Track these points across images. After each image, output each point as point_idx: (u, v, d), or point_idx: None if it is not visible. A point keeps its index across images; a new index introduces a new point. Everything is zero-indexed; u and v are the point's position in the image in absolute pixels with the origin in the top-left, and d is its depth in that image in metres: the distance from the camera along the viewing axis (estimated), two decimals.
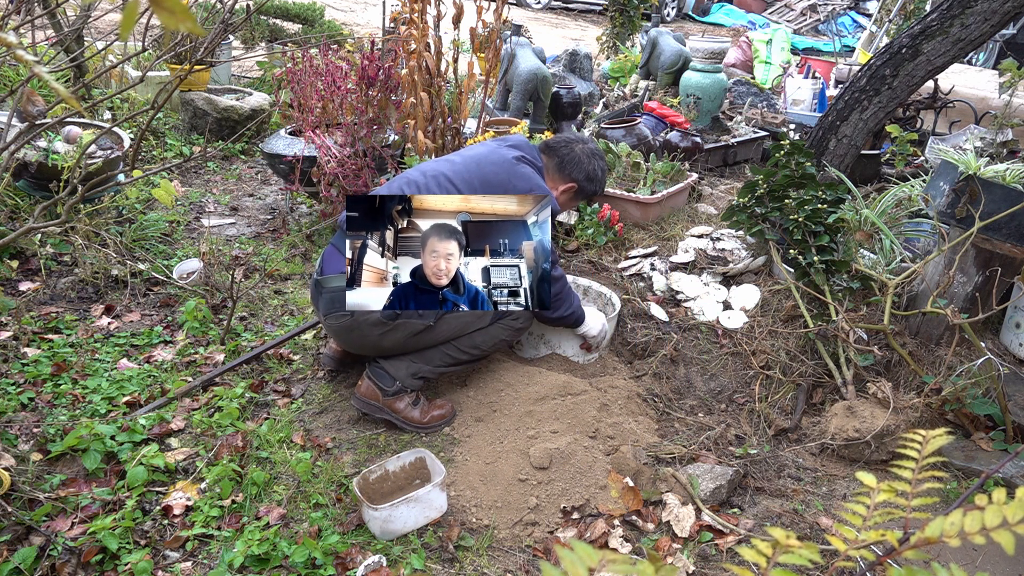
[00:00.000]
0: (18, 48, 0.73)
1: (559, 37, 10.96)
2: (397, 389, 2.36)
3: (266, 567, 1.85)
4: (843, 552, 0.67)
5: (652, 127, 4.43)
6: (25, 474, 2.03)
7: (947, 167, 2.73)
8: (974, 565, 1.93)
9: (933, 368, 2.64)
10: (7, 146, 1.95)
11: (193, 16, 0.55)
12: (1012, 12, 3.15)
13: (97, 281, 3.11)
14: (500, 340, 2.42)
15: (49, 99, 4.26)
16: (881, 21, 7.94)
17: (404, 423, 2.38)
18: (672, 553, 1.98)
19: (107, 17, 7.07)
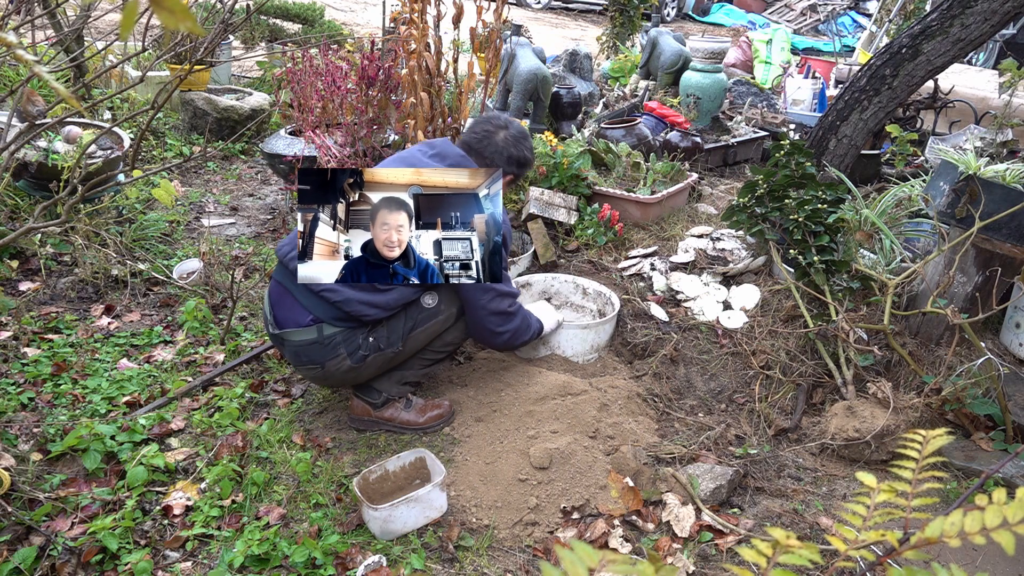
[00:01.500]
0: (18, 48, 0.73)
1: (559, 37, 10.96)
2: (384, 400, 2.36)
3: (266, 567, 1.85)
4: (843, 552, 0.67)
5: (652, 127, 4.43)
6: (25, 474, 2.03)
7: (947, 167, 2.73)
8: (974, 565, 1.93)
9: (933, 368, 2.64)
10: (7, 146, 1.95)
11: (193, 16, 0.55)
12: (1012, 12, 3.15)
13: (97, 281, 3.10)
14: (457, 339, 2.40)
15: (49, 99, 4.26)
16: (881, 21, 7.94)
17: (402, 428, 2.38)
18: (672, 553, 1.98)
19: (107, 17, 7.07)
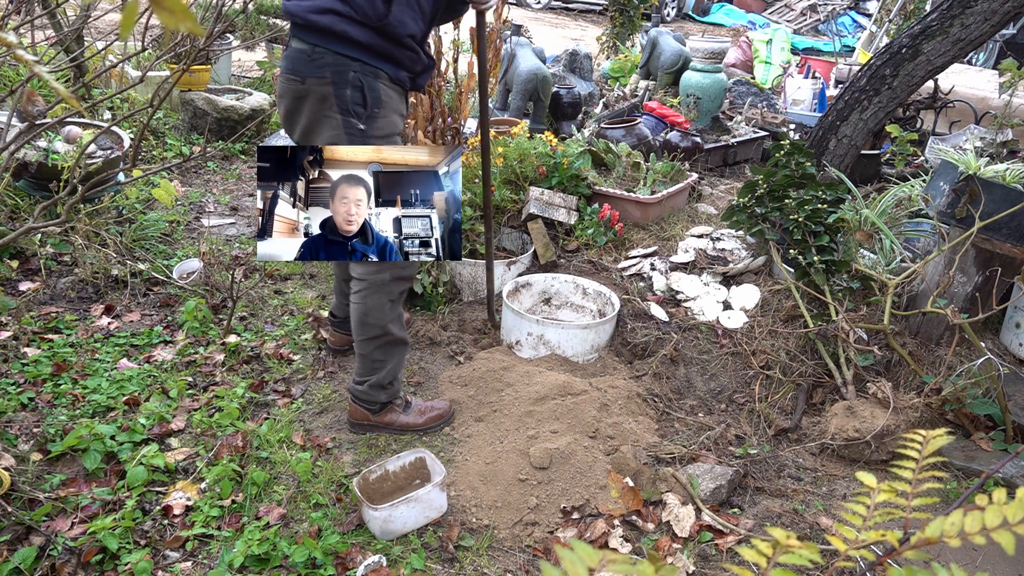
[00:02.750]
0: (18, 48, 0.73)
1: (559, 37, 10.95)
2: (380, 407, 2.35)
3: (266, 567, 1.85)
4: (843, 552, 0.67)
5: (652, 127, 4.44)
6: (25, 474, 2.03)
7: (947, 167, 2.73)
8: (974, 565, 1.93)
9: (933, 368, 2.64)
10: (7, 146, 1.95)
11: (193, 16, 0.55)
12: (1012, 12, 3.15)
13: (97, 281, 3.10)
14: (384, 304, 2.23)
15: (49, 99, 4.26)
16: (881, 21, 7.94)
17: (403, 431, 2.37)
18: (672, 553, 1.98)
19: (107, 17, 7.07)
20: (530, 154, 3.49)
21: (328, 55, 1.98)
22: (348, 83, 1.99)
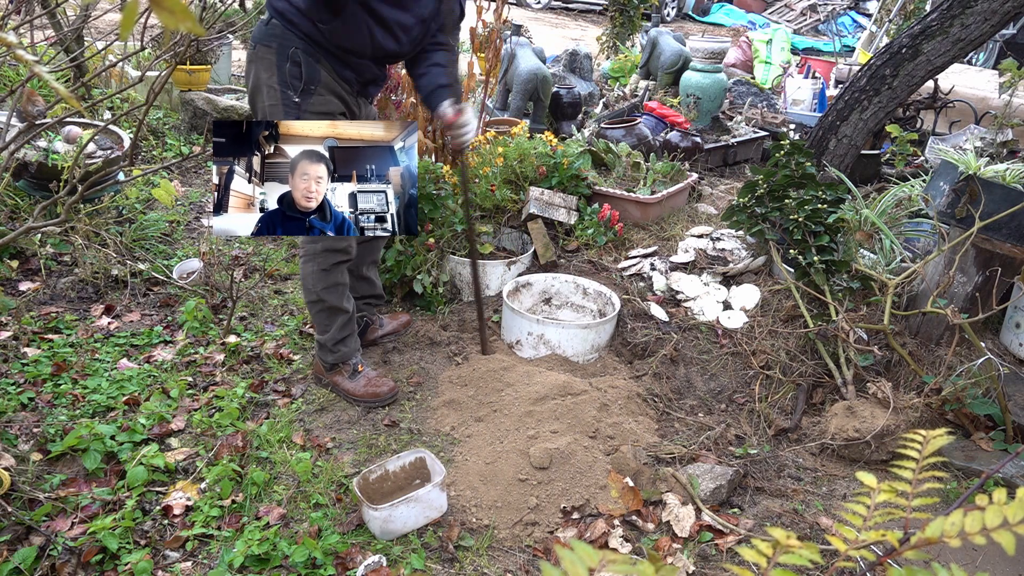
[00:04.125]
0: (18, 48, 0.73)
1: (559, 37, 10.95)
2: (331, 363, 2.51)
3: (266, 567, 1.85)
4: (843, 552, 0.67)
5: (652, 127, 4.44)
6: (25, 474, 2.03)
7: (947, 167, 2.73)
8: (974, 565, 1.93)
9: (933, 368, 2.64)
10: (7, 146, 1.95)
11: (193, 15, 0.55)
12: (1012, 12, 3.15)
13: (97, 281, 3.10)
14: (315, 272, 2.37)
15: (49, 99, 4.25)
16: (881, 21, 7.94)
17: (343, 395, 2.51)
18: (672, 553, 1.98)
19: (107, 17, 7.08)
20: (530, 154, 3.49)
21: (279, 28, 2.12)
22: (288, 57, 2.12)
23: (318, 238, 2.30)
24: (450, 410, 2.50)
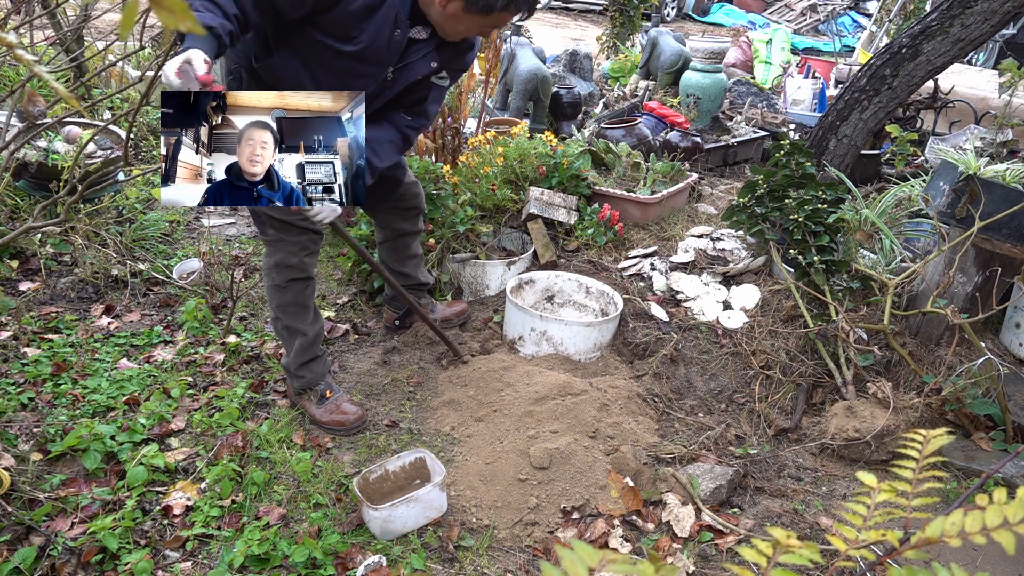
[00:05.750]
0: (18, 48, 0.72)
1: (559, 37, 10.95)
2: (298, 389, 2.46)
3: (266, 567, 1.85)
4: (843, 552, 0.67)
5: (652, 127, 4.44)
6: (25, 474, 2.03)
7: (947, 167, 2.73)
8: (974, 565, 1.93)
9: (933, 368, 2.64)
10: (7, 146, 1.95)
11: (193, 15, 0.55)
12: (1012, 12, 3.15)
13: (97, 281, 3.10)
14: (270, 288, 2.37)
15: (49, 99, 4.25)
16: (881, 21, 7.94)
17: (311, 420, 2.45)
18: (672, 553, 1.98)
19: (107, 17, 7.07)
20: (530, 154, 3.49)
21: (240, 44, 2.20)
22: (231, 72, 2.26)
23: (271, 252, 2.33)
24: (450, 410, 2.50)
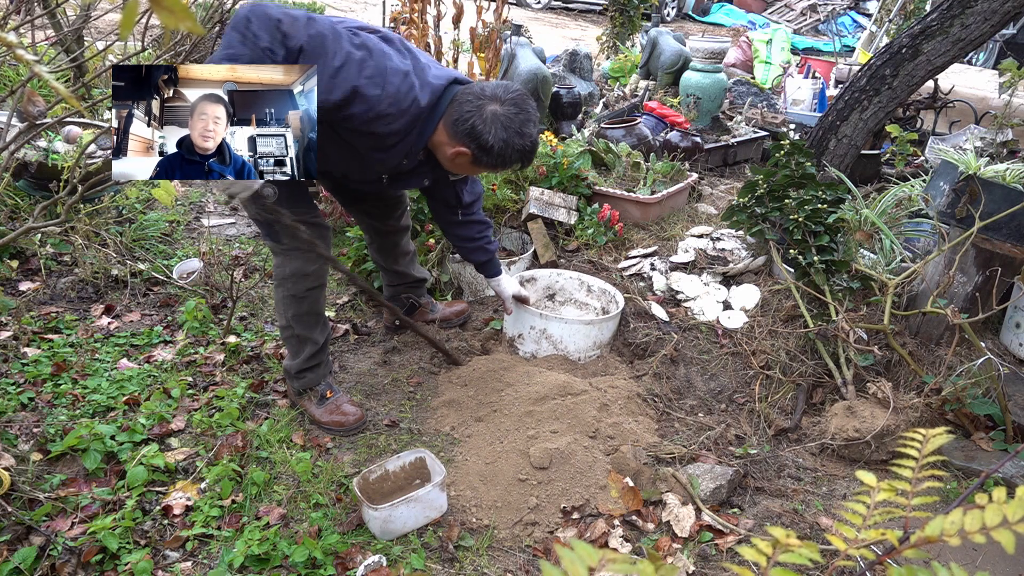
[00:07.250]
0: (18, 48, 0.73)
1: (559, 37, 10.96)
2: (298, 390, 2.46)
3: (266, 567, 1.85)
4: (843, 551, 0.67)
5: (652, 127, 4.44)
6: (25, 474, 2.03)
7: (947, 167, 2.73)
8: (974, 564, 1.93)
9: (933, 368, 2.64)
10: (7, 146, 1.95)
11: (193, 15, 0.55)
12: (1012, 12, 3.16)
13: (97, 281, 3.10)
14: (286, 298, 2.36)
15: (49, 99, 4.25)
16: (881, 21, 7.94)
17: (311, 420, 2.44)
18: (672, 553, 1.98)
19: (107, 17, 7.07)
20: None
21: None
22: None
23: (286, 262, 2.32)
24: (450, 410, 2.50)
